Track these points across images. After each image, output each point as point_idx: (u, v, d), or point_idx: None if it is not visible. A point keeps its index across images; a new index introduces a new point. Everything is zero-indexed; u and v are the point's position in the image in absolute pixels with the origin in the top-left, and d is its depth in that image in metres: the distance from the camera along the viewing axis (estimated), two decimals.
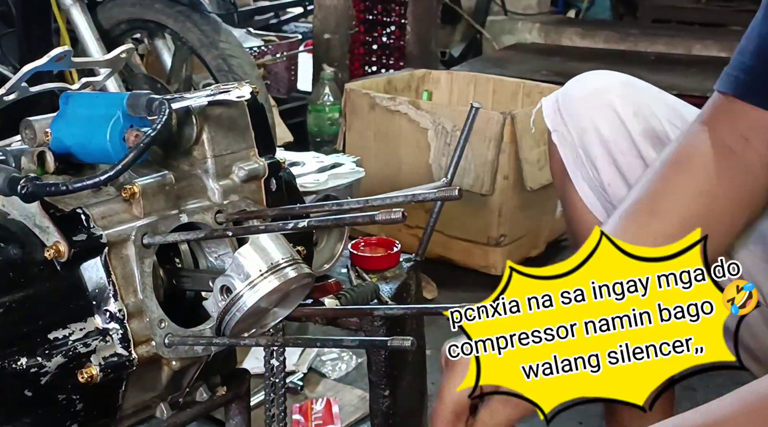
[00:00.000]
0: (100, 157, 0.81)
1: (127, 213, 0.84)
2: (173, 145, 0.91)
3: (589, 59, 3.57)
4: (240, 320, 0.79)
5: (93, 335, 0.80)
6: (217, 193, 0.91)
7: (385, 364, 1.13)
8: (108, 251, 0.81)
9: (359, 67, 3.77)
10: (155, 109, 0.78)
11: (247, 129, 0.94)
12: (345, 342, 0.75)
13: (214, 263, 0.94)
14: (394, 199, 0.72)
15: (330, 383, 1.82)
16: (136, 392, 0.86)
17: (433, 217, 1.20)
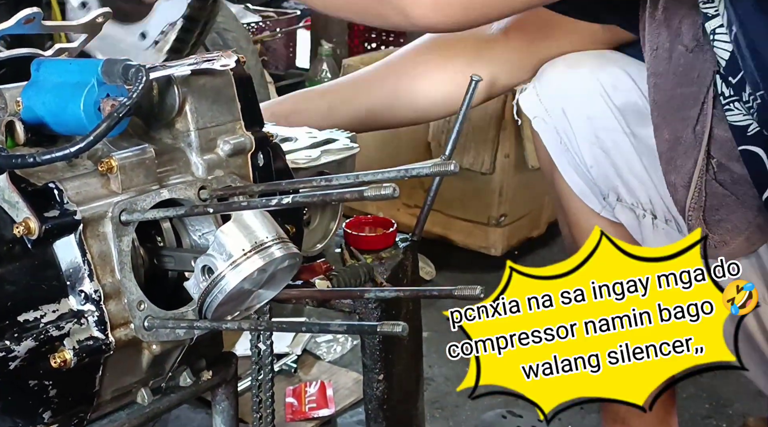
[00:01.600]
0: (75, 128, 0.76)
1: (104, 188, 0.79)
2: (154, 116, 0.86)
3: None
4: (222, 302, 0.75)
5: (67, 318, 0.75)
6: (200, 168, 0.87)
7: (379, 347, 1.09)
8: (83, 229, 0.76)
9: (359, 43, 3.71)
10: (132, 77, 0.73)
11: (233, 100, 0.90)
12: (332, 327, 0.71)
13: (198, 241, 0.89)
14: (387, 174, 0.67)
15: (324, 365, 1.78)
16: (115, 377, 0.82)
17: (431, 195, 1.15)
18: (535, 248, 2.44)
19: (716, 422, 1.35)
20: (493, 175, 2.30)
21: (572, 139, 1.15)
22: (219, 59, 0.84)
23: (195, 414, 1.59)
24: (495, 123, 2.25)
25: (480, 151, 2.28)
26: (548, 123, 1.17)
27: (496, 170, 2.29)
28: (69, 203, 0.75)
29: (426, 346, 1.36)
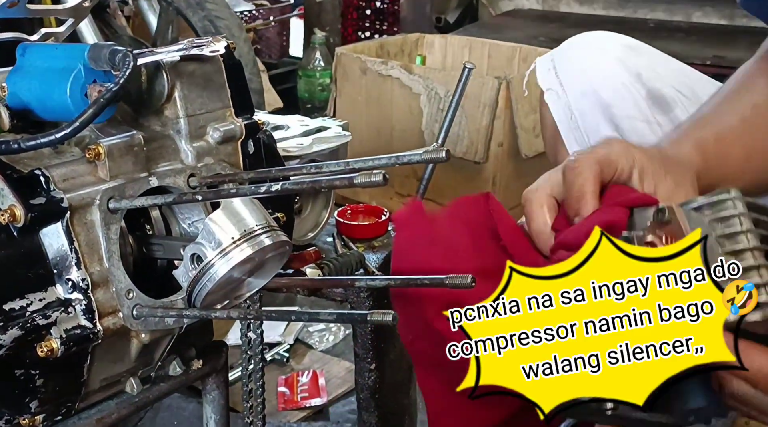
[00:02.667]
0: (61, 114, 0.75)
1: (91, 175, 0.78)
2: (143, 103, 0.85)
3: (588, 26, 3.47)
4: (211, 290, 0.74)
5: (54, 306, 0.74)
6: (190, 156, 0.86)
7: (371, 336, 1.08)
8: (70, 216, 0.75)
9: (352, 32, 3.69)
10: (119, 62, 0.72)
11: (223, 87, 0.88)
12: (322, 316, 0.70)
13: (187, 229, 0.88)
14: (377, 161, 0.66)
15: (317, 354, 1.78)
16: (104, 367, 0.81)
17: (423, 183, 1.14)
18: None
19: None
20: (486, 164, 2.29)
21: (588, 121, 1.13)
22: (208, 45, 0.83)
23: (186, 403, 1.58)
24: (488, 112, 2.24)
25: (473, 140, 2.27)
26: (561, 98, 1.16)
27: (490, 159, 2.28)
28: (56, 190, 0.74)
29: None
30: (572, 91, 1.15)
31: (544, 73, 1.18)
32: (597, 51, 1.16)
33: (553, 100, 1.17)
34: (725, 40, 3.24)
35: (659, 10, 3.89)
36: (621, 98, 1.11)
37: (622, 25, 3.65)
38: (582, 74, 1.15)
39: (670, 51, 1.27)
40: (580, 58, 1.17)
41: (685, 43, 3.27)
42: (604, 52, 1.14)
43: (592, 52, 1.16)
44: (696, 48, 3.08)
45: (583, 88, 1.14)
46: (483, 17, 4.16)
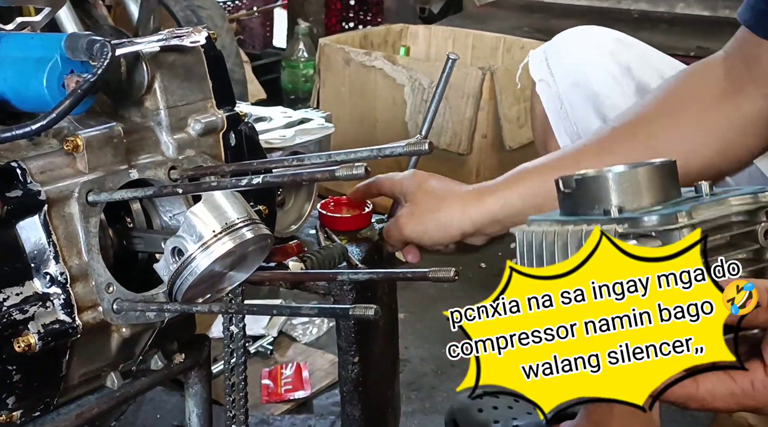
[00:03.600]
0: (38, 105, 0.73)
1: (69, 168, 0.77)
2: (122, 94, 0.84)
3: (572, 16, 3.49)
4: (193, 284, 0.73)
5: (31, 301, 0.73)
6: (171, 148, 0.85)
7: (354, 329, 1.08)
8: (48, 209, 0.74)
9: (336, 23, 3.67)
10: (97, 52, 0.70)
11: (204, 78, 0.87)
12: (304, 310, 0.69)
13: (168, 222, 0.87)
14: (360, 154, 0.66)
15: (300, 347, 1.77)
16: (83, 361, 0.80)
17: None
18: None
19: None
20: (470, 156, 2.28)
21: (577, 111, 1.14)
22: (189, 35, 0.82)
23: (169, 397, 1.57)
24: (472, 103, 2.23)
25: (457, 131, 2.27)
26: (552, 89, 1.16)
27: (474, 151, 2.28)
28: (33, 183, 0.73)
29: (402, 327, 1.35)
30: (563, 82, 1.15)
31: (537, 65, 1.18)
32: (589, 44, 1.16)
33: (544, 91, 1.17)
34: (708, 30, 3.25)
35: (642, 1, 3.89)
36: (610, 90, 1.11)
37: (605, 15, 3.65)
38: (573, 66, 1.15)
39: (654, 42, 1.27)
40: (572, 50, 1.17)
41: (669, 34, 3.28)
42: (596, 45, 1.15)
43: (584, 45, 1.17)
44: (679, 39, 3.08)
45: (574, 80, 1.14)
46: (467, 8, 4.14)
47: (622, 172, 0.69)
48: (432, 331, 1.82)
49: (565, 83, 1.15)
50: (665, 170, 0.70)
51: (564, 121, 1.15)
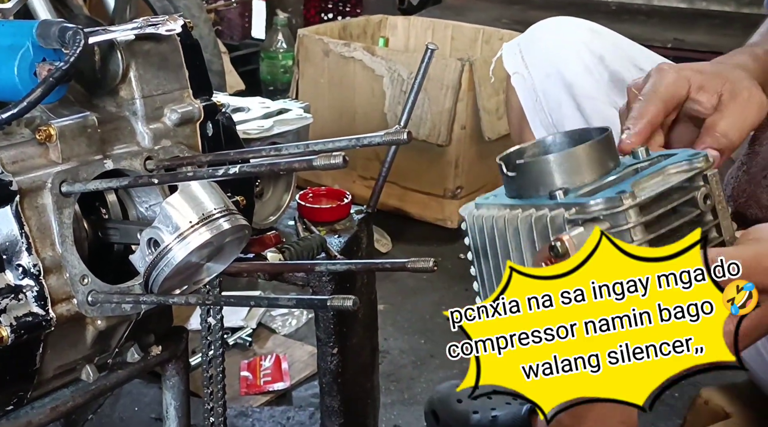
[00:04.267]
0: (8, 94, 0.72)
1: (42, 158, 0.76)
2: (97, 83, 0.82)
3: (550, 8, 3.49)
4: (169, 275, 0.72)
5: (3, 293, 0.72)
6: (146, 138, 0.84)
7: (333, 321, 1.07)
8: (20, 200, 0.73)
9: (315, 14, 3.65)
10: (69, 39, 0.69)
11: (180, 68, 0.86)
12: (282, 301, 0.69)
13: (144, 213, 0.86)
14: (338, 143, 0.65)
15: (280, 338, 1.76)
16: (57, 354, 0.79)
17: (386, 166, 1.13)
18: None
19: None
20: (449, 147, 2.28)
21: (551, 103, 1.14)
22: (164, 24, 0.81)
23: (147, 389, 1.56)
24: (451, 94, 2.23)
25: (436, 122, 2.26)
26: (527, 81, 1.16)
27: (453, 142, 2.27)
28: (4, 173, 0.72)
29: (381, 319, 1.35)
30: (537, 73, 1.15)
31: (511, 58, 1.18)
32: (562, 34, 1.16)
33: (519, 84, 1.16)
34: (685, 23, 3.27)
35: None
36: (584, 79, 1.11)
37: (584, 7, 3.66)
38: (547, 56, 1.15)
39: (632, 34, 1.27)
40: (546, 41, 1.16)
41: (646, 25, 3.29)
42: (570, 35, 1.15)
43: (557, 36, 1.16)
44: (657, 31, 3.09)
45: (548, 70, 1.14)
46: None
47: (563, 154, 0.70)
48: (411, 322, 1.82)
49: (539, 74, 1.15)
50: (602, 145, 0.71)
51: (539, 112, 1.15)
